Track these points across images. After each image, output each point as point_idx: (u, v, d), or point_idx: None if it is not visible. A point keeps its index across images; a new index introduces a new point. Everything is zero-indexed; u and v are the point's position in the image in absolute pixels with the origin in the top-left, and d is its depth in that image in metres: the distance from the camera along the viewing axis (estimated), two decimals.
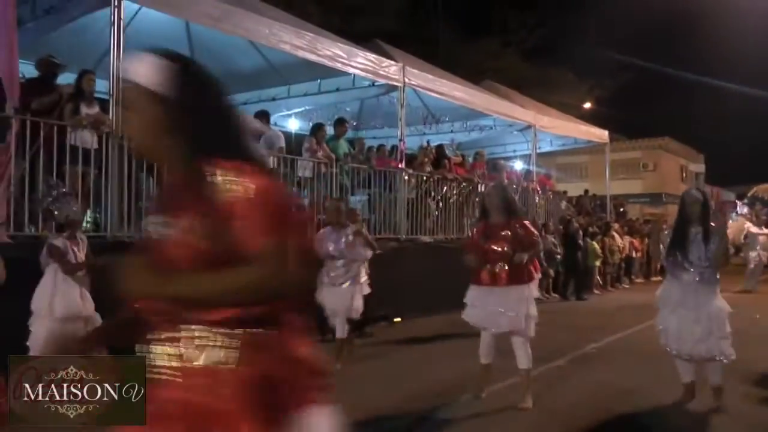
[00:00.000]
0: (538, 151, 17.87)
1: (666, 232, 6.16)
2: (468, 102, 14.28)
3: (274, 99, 12.67)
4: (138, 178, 8.23)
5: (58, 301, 5.93)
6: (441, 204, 13.31)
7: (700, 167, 51.32)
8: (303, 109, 13.77)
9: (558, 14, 36.06)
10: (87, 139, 7.79)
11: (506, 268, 5.94)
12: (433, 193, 13.08)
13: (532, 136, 17.11)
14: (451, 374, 7.24)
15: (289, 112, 13.53)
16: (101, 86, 8.60)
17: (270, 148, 10.36)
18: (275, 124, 12.25)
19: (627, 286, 18.33)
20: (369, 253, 7.97)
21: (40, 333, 5.81)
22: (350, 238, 7.60)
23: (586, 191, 23.11)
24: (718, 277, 5.70)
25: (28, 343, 5.79)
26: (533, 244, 6.16)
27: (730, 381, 5.93)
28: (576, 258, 14.94)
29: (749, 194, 17.54)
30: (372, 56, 11.39)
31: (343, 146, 11.87)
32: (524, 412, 5.77)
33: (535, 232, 6.38)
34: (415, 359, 8.30)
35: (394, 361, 8.25)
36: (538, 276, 7.28)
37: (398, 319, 11.12)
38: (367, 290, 7.86)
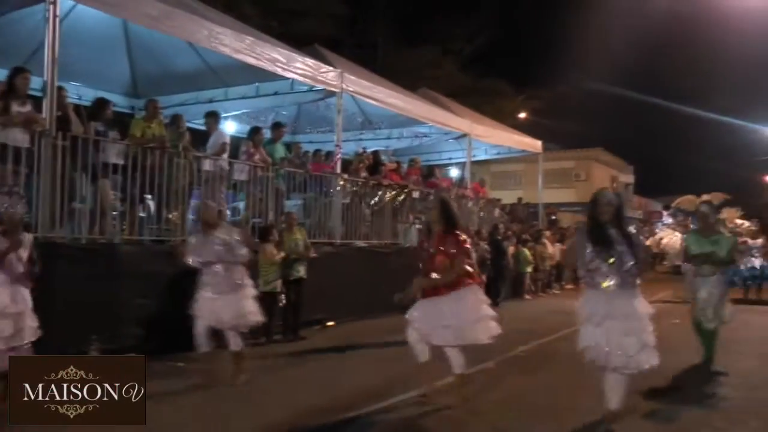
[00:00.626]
0: (472, 159, 18.19)
1: (578, 239, 5.80)
2: (405, 110, 14.45)
3: (211, 101, 12.59)
4: (71, 178, 8.12)
5: None
6: (376, 209, 13.45)
7: (629, 178, 52.79)
8: (240, 112, 13.73)
9: (496, 25, 36.63)
10: (18, 137, 7.64)
11: (445, 277, 6.04)
12: (368, 199, 13.21)
13: (467, 144, 17.40)
14: (382, 377, 7.38)
15: (227, 115, 13.45)
16: (35, 84, 8.45)
17: (212, 146, 10.37)
18: None
19: (557, 292, 18.82)
20: (246, 253, 7.28)
21: None
22: (235, 238, 7.14)
23: (520, 199, 23.59)
24: (638, 281, 5.43)
25: None
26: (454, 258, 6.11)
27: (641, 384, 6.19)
28: (500, 264, 15.07)
29: (672, 205, 18.08)
30: (311, 61, 11.46)
31: (280, 150, 11.90)
32: (452, 410, 5.97)
33: (461, 246, 6.19)
34: (348, 362, 8.41)
35: (326, 364, 8.33)
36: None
37: (331, 323, 11.21)
38: (253, 292, 7.33)
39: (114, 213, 8.88)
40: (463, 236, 6.31)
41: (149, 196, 9.32)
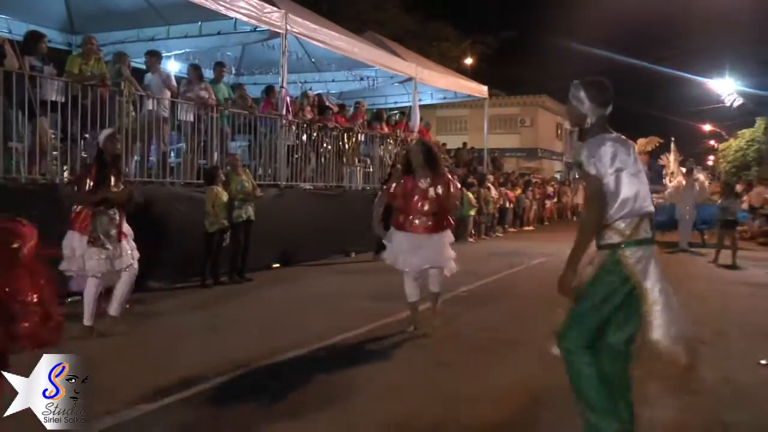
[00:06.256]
0: (419, 103, 18.16)
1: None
2: (350, 52, 14.33)
3: (152, 39, 12.26)
4: (6, 115, 7.86)
5: None
6: (324, 150, 13.40)
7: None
8: (183, 51, 13.42)
9: None
10: None
11: (432, 218, 6.50)
12: (314, 139, 13.13)
13: (412, 88, 17.38)
14: (326, 318, 7.48)
15: (169, 54, 13.15)
16: None
17: (156, 86, 10.18)
18: None
19: (500, 235, 19.19)
20: None
21: None
22: None
23: (465, 144, 23.77)
24: None
25: None
26: (456, 198, 6.85)
27: None
28: None
29: None
30: (254, 1, 11.22)
31: (223, 90, 11.70)
32: (398, 346, 6.20)
33: (458, 186, 7.03)
34: (295, 303, 8.48)
35: (273, 305, 8.40)
36: None
37: (276, 265, 11.26)
38: None
39: (54, 153, 8.67)
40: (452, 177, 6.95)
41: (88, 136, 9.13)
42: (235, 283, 9.62)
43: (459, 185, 7.10)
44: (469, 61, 37.23)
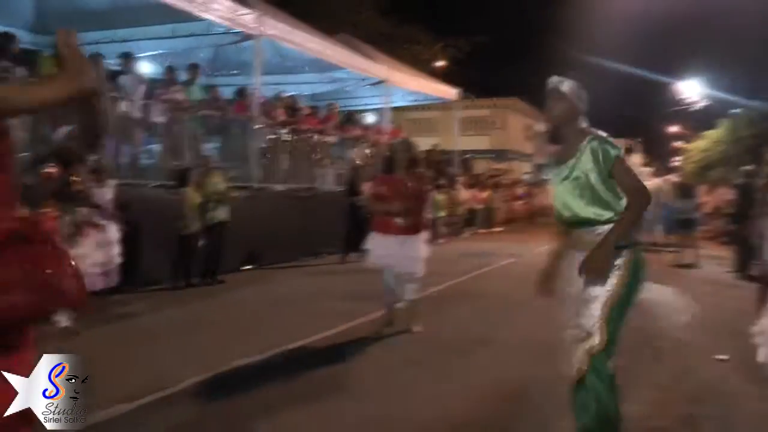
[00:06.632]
0: (390, 105, 18.30)
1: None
2: (322, 54, 14.41)
3: (125, 41, 12.23)
4: None
5: None
6: (296, 151, 13.46)
7: (544, 126, 53.89)
8: (156, 53, 13.39)
9: None
10: None
11: (408, 219, 6.58)
12: (286, 141, 13.19)
13: (384, 91, 17.49)
14: (304, 317, 7.60)
15: (142, 55, 13.14)
16: None
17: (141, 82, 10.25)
18: None
19: (466, 236, 19.34)
20: None
21: None
22: None
23: (435, 145, 23.90)
24: None
25: None
26: (425, 200, 6.95)
27: None
28: None
29: None
30: (228, 2, 11.24)
31: (197, 92, 11.73)
32: (368, 345, 6.32)
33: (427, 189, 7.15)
34: (268, 304, 8.55)
35: (246, 307, 8.48)
36: None
37: (248, 267, 11.29)
38: None
39: (25, 154, 8.63)
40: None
41: None
42: (208, 285, 9.65)
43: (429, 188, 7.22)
44: (440, 63, 37.40)
